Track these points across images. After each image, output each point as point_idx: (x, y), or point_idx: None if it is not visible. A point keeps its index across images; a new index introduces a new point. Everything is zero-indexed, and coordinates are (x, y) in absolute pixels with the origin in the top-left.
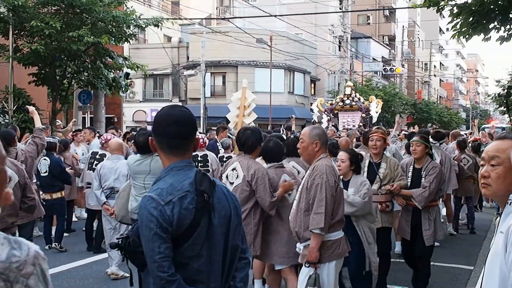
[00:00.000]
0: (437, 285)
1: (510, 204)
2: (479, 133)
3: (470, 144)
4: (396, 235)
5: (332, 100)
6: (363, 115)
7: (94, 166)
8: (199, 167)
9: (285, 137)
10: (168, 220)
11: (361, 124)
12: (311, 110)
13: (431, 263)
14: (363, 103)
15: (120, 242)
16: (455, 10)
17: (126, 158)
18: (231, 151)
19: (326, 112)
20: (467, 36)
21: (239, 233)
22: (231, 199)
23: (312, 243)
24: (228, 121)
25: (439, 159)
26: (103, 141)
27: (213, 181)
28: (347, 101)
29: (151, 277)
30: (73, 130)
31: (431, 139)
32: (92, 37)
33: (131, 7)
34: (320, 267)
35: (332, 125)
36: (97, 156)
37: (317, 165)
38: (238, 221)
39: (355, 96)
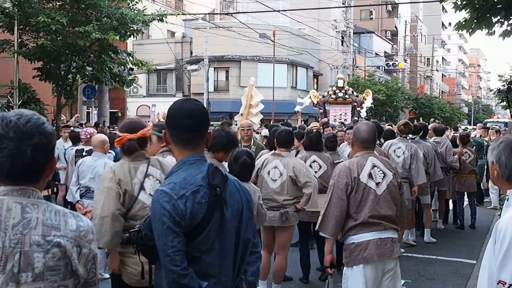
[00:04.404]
0: (440, 278)
1: (507, 200)
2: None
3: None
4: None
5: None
6: (358, 108)
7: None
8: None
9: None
10: (181, 214)
11: (356, 118)
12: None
13: (435, 257)
14: (357, 96)
15: (132, 235)
16: (459, 3)
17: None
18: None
19: (318, 106)
20: (470, 30)
21: (251, 227)
22: (243, 193)
23: (325, 245)
24: (231, 117)
25: (421, 153)
26: (87, 136)
27: (226, 175)
28: (340, 94)
29: (163, 271)
30: (76, 125)
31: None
32: (99, 34)
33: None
34: (334, 272)
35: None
36: (84, 154)
37: (338, 165)
38: (250, 215)
39: (348, 89)
